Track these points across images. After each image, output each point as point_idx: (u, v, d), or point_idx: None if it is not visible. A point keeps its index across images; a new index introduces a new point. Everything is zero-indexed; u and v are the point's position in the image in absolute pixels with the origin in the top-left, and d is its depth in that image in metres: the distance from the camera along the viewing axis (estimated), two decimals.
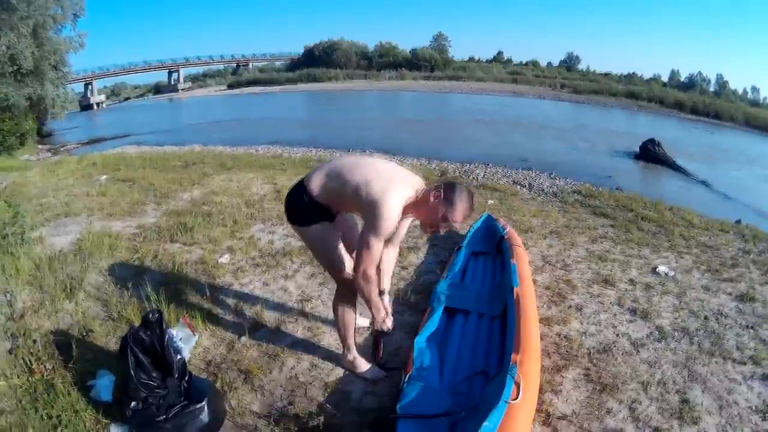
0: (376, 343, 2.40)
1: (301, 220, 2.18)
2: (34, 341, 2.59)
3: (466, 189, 2.01)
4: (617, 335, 2.82)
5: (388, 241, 2.21)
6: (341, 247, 2.24)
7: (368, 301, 2.11)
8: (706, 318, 3.06)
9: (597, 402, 2.22)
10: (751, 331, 2.93)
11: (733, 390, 2.36)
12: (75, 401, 2.11)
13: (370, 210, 1.92)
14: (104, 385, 2.18)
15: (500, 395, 1.73)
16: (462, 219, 2.00)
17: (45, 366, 2.38)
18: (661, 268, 3.77)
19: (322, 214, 2.14)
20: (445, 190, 1.95)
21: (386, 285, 2.43)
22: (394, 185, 1.95)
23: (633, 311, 3.11)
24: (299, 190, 2.14)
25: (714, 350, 2.69)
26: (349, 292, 2.24)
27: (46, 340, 2.61)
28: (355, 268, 2.02)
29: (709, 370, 2.50)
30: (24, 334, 2.65)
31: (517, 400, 1.73)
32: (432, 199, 1.96)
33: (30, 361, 2.39)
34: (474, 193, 2.06)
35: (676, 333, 2.86)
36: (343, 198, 2.05)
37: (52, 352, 2.50)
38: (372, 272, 1.99)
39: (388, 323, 2.25)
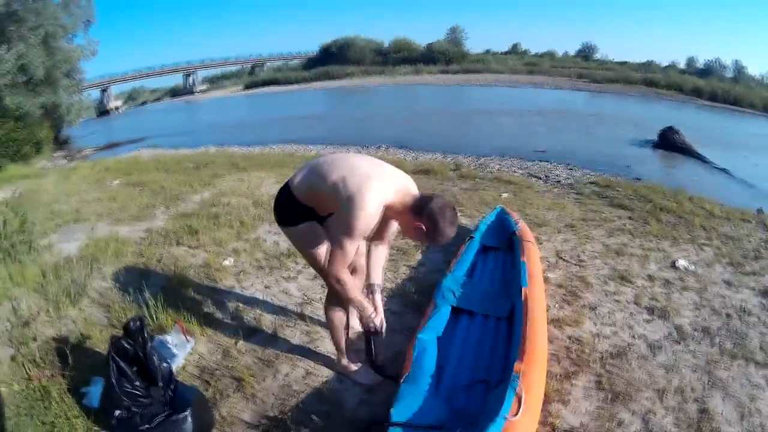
0: (367, 344, 2.20)
1: (287, 220, 2.12)
2: (36, 348, 2.60)
3: (449, 209, 1.87)
4: (633, 337, 2.66)
5: (378, 236, 2.14)
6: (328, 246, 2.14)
7: (349, 301, 2.04)
8: (728, 316, 2.87)
9: (608, 413, 2.07)
10: None
11: (756, 397, 2.18)
12: (68, 408, 2.12)
13: (345, 207, 1.84)
14: (96, 391, 2.17)
15: (499, 410, 1.60)
16: (446, 241, 1.91)
17: (45, 373, 2.38)
18: (681, 262, 3.58)
19: (308, 213, 2.07)
20: (428, 219, 1.83)
21: (377, 280, 2.25)
22: (372, 182, 1.86)
23: (651, 310, 2.93)
24: (285, 191, 2.10)
25: (736, 352, 2.51)
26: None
27: (48, 347, 2.62)
28: (328, 269, 1.96)
29: (731, 375, 2.33)
30: (25, 342, 2.66)
31: (518, 416, 1.59)
32: (415, 229, 1.87)
33: (29, 368, 2.40)
34: (455, 208, 1.94)
35: (696, 333, 2.69)
36: (323, 197, 1.98)
37: (52, 359, 2.50)
38: (343, 274, 1.92)
39: (377, 321, 2.09)
